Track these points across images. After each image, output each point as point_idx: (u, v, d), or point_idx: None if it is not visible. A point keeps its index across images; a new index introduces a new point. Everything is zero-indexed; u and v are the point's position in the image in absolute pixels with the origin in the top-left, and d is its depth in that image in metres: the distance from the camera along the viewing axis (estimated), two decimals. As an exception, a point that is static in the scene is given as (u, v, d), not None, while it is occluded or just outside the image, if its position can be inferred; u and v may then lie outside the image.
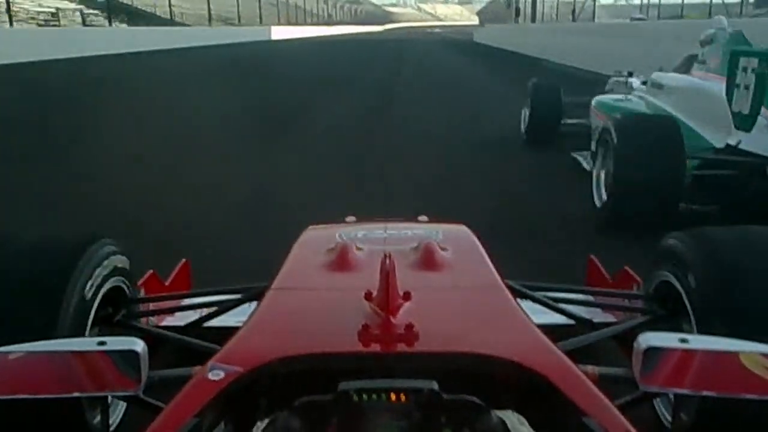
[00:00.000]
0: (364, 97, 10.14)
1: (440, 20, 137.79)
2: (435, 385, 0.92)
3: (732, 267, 1.47)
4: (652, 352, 1.04)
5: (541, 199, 4.28)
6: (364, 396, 0.91)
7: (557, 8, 26.96)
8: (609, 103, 4.92)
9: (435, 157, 5.60)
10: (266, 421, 0.94)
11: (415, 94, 10.91)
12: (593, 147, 4.22)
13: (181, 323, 1.88)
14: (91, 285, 1.54)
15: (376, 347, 1.07)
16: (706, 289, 1.46)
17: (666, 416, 1.56)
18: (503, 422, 0.93)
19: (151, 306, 1.92)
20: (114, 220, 3.49)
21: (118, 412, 1.61)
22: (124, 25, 25.86)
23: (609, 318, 2.01)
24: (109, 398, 1.49)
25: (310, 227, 1.88)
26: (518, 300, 1.39)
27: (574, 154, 5.04)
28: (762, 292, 1.41)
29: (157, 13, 30.09)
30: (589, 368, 1.27)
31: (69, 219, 3.69)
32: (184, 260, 2.38)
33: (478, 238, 1.74)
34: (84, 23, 24.41)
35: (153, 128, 7.20)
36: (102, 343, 1.07)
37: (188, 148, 6.07)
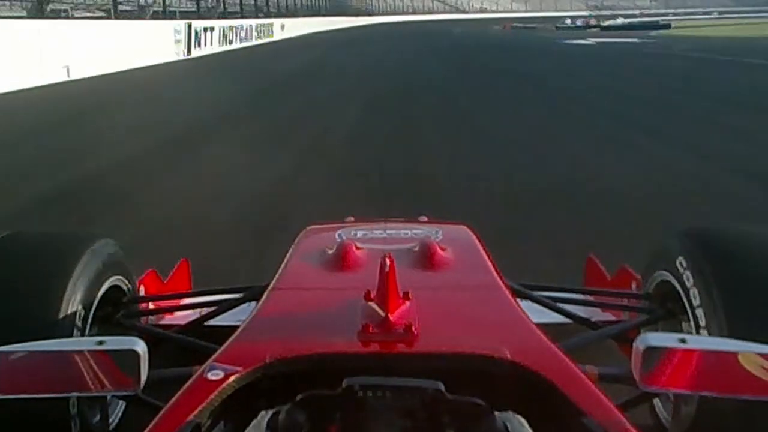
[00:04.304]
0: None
1: (462, 12, 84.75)
2: (440, 386, 0.92)
3: (731, 267, 1.47)
4: (651, 351, 1.04)
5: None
6: (369, 393, 0.91)
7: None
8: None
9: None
10: (270, 412, 0.93)
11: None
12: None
13: (181, 322, 1.88)
14: (91, 284, 1.54)
15: (375, 347, 1.07)
16: (705, 289, 1.46)
17: (665, 416, 1.56)
18: (505, 425, 0.93)
19: (151, 305, 1.92)
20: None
21: (117, 411, 1.61)
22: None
23: (609, 317, 2.01)
24: (109, 398, 1.49)
25: (310, 227, 1.88)
26: (518, 300, 1.39)
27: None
28: (761, 292, 1.41)
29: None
30: (589, 368, 1.27)
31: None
32: (183, 259, 2.38)
33: (478, 237, 1.73)
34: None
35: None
36: (102, 343, 1.07)
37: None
